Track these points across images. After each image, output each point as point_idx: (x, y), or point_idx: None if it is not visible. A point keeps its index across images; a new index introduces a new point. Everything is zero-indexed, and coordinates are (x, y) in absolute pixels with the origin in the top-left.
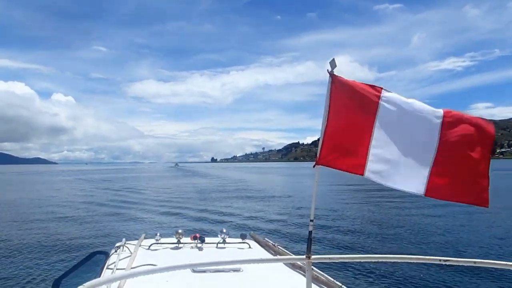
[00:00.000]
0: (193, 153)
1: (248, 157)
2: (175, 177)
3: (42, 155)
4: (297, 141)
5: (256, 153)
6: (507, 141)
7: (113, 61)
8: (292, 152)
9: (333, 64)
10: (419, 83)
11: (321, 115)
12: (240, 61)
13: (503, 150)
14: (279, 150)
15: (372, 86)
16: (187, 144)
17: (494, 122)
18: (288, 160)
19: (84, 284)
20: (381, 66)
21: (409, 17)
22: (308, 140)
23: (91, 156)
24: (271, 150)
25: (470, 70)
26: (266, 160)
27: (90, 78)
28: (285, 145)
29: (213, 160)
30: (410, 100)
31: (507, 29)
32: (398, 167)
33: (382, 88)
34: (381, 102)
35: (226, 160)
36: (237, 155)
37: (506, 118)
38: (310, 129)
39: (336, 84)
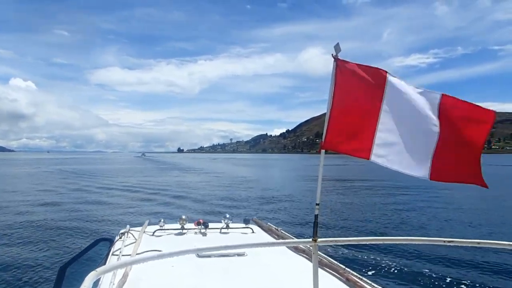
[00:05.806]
0: (159, 143)
1: (216, 148)
2: (148, 169)
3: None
4: (265, 133)
5: (223, 144)
6: None
7: (77, 47)
8: (260, 144)
9: (337, 48)
10: None
11: (289, 108)
12: (209, 51)
13: None
14: (247, 142)
15: (378, 69)
16: (153, 134)
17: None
18: (256, 152)
19: (96, 269)
20: (352, 59)
21: (378, 12)
22: (276, 132)
23: (51, 144)
24: (239, 141)
25: (433, 67)
26: (234, 151)
27: (52, 63)
28: (253, 136)
29: (180, 150)
30: (411, 86)
31: (471, 27)
32: (403, 151)
33: (387, 72)
34: (387, 86)
35: (193, 151)
36: (204, 146)
37: None
38: (277, 121)
39: (341, 68)
